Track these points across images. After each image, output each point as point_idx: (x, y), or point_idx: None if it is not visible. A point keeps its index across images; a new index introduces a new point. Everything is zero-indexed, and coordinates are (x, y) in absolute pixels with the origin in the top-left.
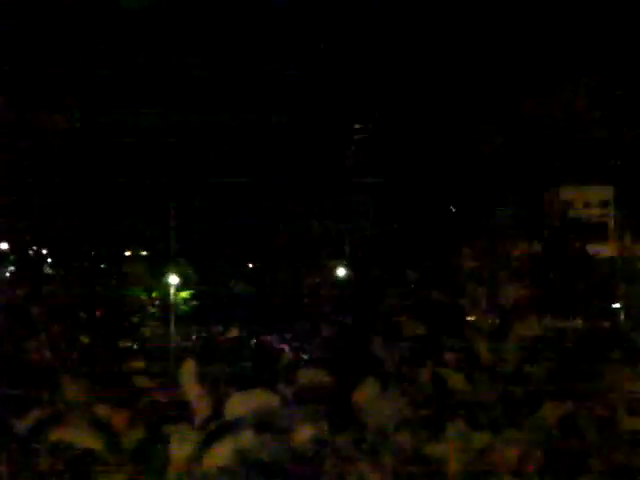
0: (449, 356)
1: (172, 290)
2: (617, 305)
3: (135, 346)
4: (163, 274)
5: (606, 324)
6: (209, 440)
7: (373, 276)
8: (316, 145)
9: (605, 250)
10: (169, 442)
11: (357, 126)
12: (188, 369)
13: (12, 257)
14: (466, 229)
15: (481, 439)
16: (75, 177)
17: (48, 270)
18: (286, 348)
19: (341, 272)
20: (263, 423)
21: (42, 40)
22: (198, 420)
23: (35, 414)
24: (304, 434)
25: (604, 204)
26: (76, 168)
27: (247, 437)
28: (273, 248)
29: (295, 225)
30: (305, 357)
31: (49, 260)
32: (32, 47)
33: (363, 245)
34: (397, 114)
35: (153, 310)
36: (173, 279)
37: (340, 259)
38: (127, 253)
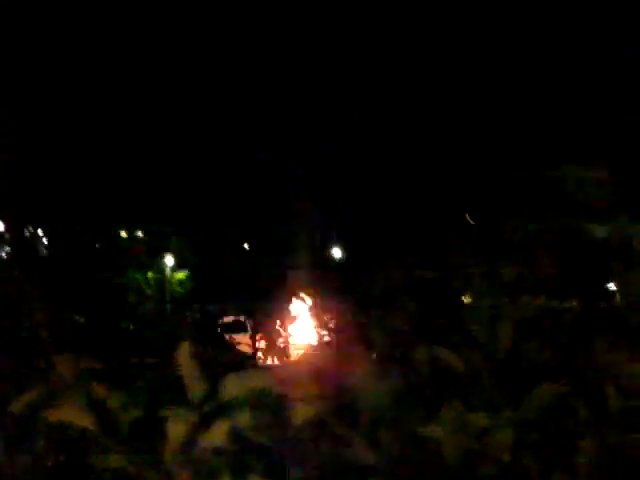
0: (445, 336)
1: (168, 270)
2: (612, 286)
3: (131, 326)
4: (159, 254)
5: (601, 304)
6: (205, 420)
7: (368, 257)
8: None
9: (601, 230)
10: (166, 423)
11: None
12: (184, 351)
13: (8, 236)
14: (463, 209)
15: (477, 420)
16: (73, 154)
17: (44, 250)
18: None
19: (337, 253)
20: (258, 403)
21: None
22: (194, 401)
23: (31, 394)
24: (303, 415)
25: (600, 184)
26: (75, 145)
27: (243, 418)
28: (268, 228)
29: (291, 205)
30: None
31: (45, 240)
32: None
33: (358, 223)
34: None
35: (148, 290)
36: (169, 259)
37: (335, 240)
38: (123, 233)
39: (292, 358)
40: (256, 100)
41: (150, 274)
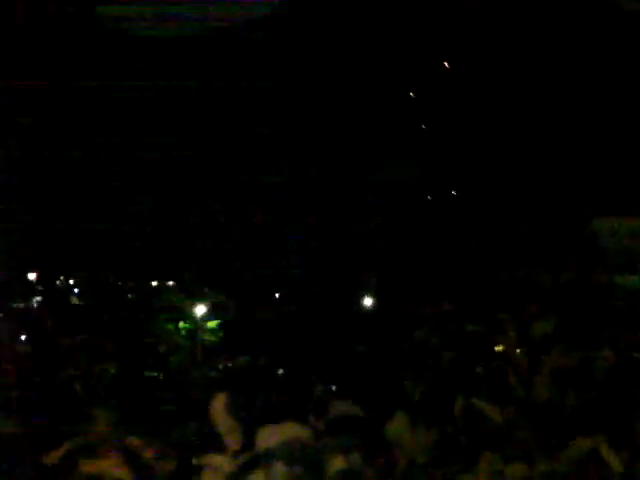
0: (482, 388)
1: (199, 320)
2: None
3: (161, 377)
4: (190, 304)
5: (636, 355)
6: (241, 472)
7: (401, 305)
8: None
9: (634, 282)
10: (201, 474)
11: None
12: (219, 401)
13: (39, 287)
14: (497, 262)
15: (514, 471)
16: (101, 205)
17: (75, 301)
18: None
19: (368, 302)
20: (294, 455)
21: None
22: (230, 452)
23: (67, 445)
24: (337, 466)
25: (633, 235)
26: (100, 196)
27: (279, 469)
28: (300, 275)
29: (323, 251)
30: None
31: (76, 290)
32: None
33: (391, 273)
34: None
35: (180, 340)
36: (200, 309)
37: (369, 290)
38: (154, 283)
39: None
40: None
41: (181, 324)
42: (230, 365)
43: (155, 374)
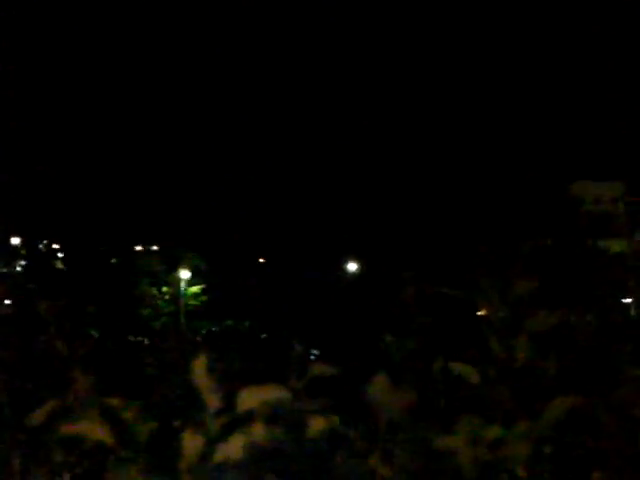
0: (461, 350)
1: (182, 284)
2: (628, 300)
3: (146, 340)
4: (173, 268)
5: (617, 318)
6: (221, 433)
7: (384, 269)
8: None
9: (616, 246)
10: (181, 435)
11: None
12: (200, 364)
13: (23, 251)
14: (480, 223)
15: (493, 432)
16: (87, 170)
17: (59, 264)
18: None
19: (352, 267)
20: (274, 416)
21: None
22: (210, 413)
23: (47, 407)
24: (317, 427)
25: (614, 200)
26: (88, 161)
27: (258, 430)
28: (283, 242)
29: (307, 218)
30: (315, 352)
31: (60, 255)
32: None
33: (375, 238)
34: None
35: (163, 304)
36: (184, 273)
37: (351, 254)
38: (138, 247)
39: None
40: (270, 117)
41: (165, 288)
42: (213, 329)
43: (139, 338)
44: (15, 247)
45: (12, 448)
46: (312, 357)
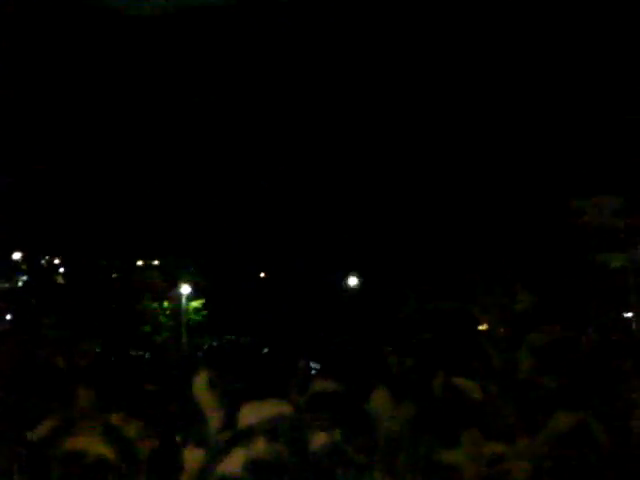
0: (462, 365)
1: (183, 299)
2: (629, 314)
3: (147, 355)
4: (174, 283)
5: (618, 334)
6: (222, 449)
7: (385, 285)
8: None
9: (618, 260)
10: (183, 451)
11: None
12: (201, 379)
13: (25, 266)
14: (479, 241)
15: (494, 448)
16: (87, 186)
17: (60, 279)
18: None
19: (353, 281)
20: (276, 431)
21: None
22: (211, 429)
23: (49, 423)
24: (318, 442)
25: (616, 214)
26: (88, 177)
27: (260, 446)
28: (285, 256)
29: (310, 234)
30: (317, 367)
31: (61, 269)
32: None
33: (377, 254)
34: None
35: (164, 320)
36: (184, 288)
37: (353, 269)
38: (139, 262)
39: None
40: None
41: (166, 303)
42: (215, 344)
43: (140, 352)
44: (16, 262)
45: (13, 463)
46: (313, 371)
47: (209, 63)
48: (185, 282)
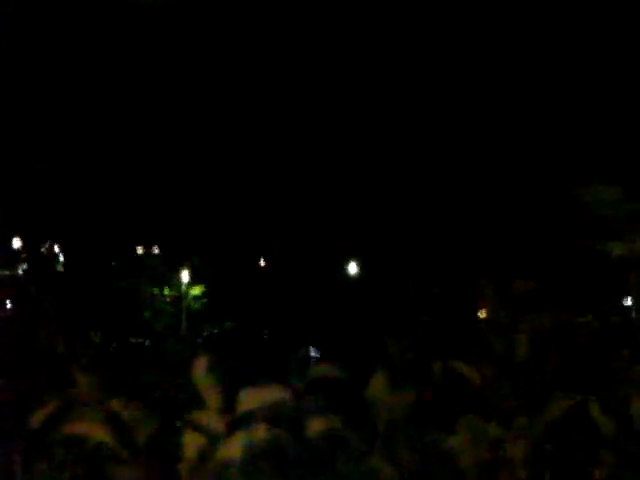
0: (462, 349)
1: (184, 286)
2: (628, 302)
3: (147, 342)
4: (175, 270)
5: (617, 320)
6: (222, 433)
7: (385, 271)
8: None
9: (618, 248)
10: (182, 435)
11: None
12: (201, 365)
13: (24, 254)
14: (481, 224)
15: (493, 431)
16: (88, 172)
17: (60, 267)
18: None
19: (353, 268)
20: (275, 416)
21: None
22: (211, 414)
23: (49, 408)
24: (317, 427)
25: (617, 203)
26: (90, 163)
27: (259, 431)
28: (285, 244)
29: (309, 220)
30: (317, 354)
31: (61, 257)
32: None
33: (376, 241)
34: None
35: (164, 306)
36: (185, 275)
37: (353, 255)
38: (139, 249)
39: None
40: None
41: (166, 290)
42: (215, 331)
43: (140, 340)
44: (16, 250)
45: (14, 447)
46: (312, 359)
47: (209, 53)
48: (185, 269)
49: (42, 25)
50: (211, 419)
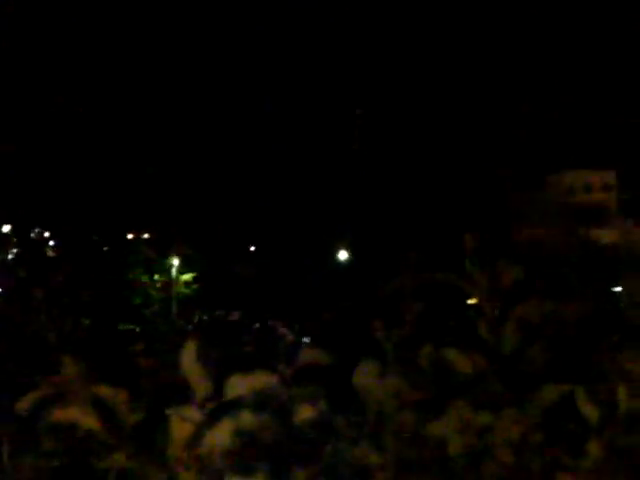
0: (451, 337)
1: (174, 272)
2: (618, 289)
3: (137, 329)
4: (165, 256)
5: (607, 307)
6: (209, 420)
7: (374, 258)
8: (315, 130)
9: (607, 234)
10: (170, 422)
11: (358, 112)
12: (189, 350)
13: (14, 239)
14: (469, 214)
15: (481, 418)
16: (78, 159)
17: (50, 252)
18: (287, 331)
19: (343, 255)
20: (263, 403)
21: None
22: (198, 400)
23: (36, 394)
24: (304, 415)
25: (606, 188)
26: (80, 150)
27: (246, 417)
28: (274, 230)
29: (298, 207)
30: (306, 340)
31: (51, 242)
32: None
33: (365, 227)
34: (399, 105)
35: (154, 292)
36: (175, 261)
37: (342, 241)
38: (129, 235)
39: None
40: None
41: (157, 276)
42: (205, 317)
43: (130, 326)
44: (6, 235)
45: (0, 435)
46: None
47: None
48: (175, 255)
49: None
50: (198, 406)
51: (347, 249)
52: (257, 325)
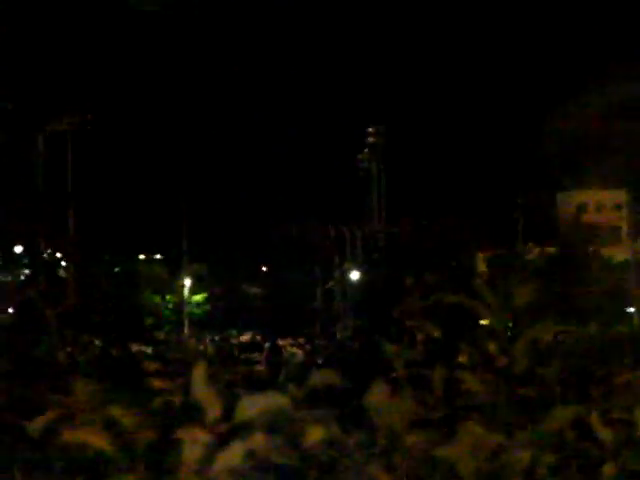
0: (463, 358)
1: (186, 293)
2: (631, 309)
3: (149, 349)
4: (177, 277)
5: (620, 328)
6: (220, 442)
7: (388, 279)
8: (327, 147)
9: (619, 253)
10: (181, 444)
11: (370, 129)
12: (200, 372)
13: (27, 260)
14: (481, 234)
15: (493, 440)
16: (89, 181)
17: (62, 273)
18: (299, 351)
19: (355, 275)
20: (274, 425)
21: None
22: (209, 422)
23: (48, 416)
24: (315, 436)
25: (618, 208)
26: (89, 172)
27: (257, 439)
28: (286, 251)
29: (308, 228)
30: (318, 361)
31: (63, 263)
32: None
33: (378, 249)
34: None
35: (167, 313)
36: (187, 282)
37: (355, 262)
38: (141, 256)
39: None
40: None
41: (168, 297)
42: (217, 338)
43: (142, 347)
44: (18, 255)
45: (13, 456)
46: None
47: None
48: (187, 275)
49: (42, 25)
50: (209, 428)
51: (360, 268)
52: (267, 345)
